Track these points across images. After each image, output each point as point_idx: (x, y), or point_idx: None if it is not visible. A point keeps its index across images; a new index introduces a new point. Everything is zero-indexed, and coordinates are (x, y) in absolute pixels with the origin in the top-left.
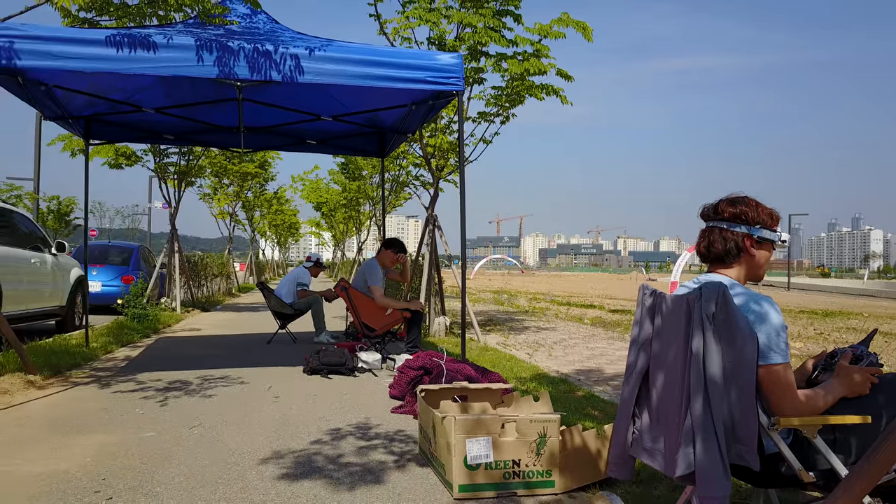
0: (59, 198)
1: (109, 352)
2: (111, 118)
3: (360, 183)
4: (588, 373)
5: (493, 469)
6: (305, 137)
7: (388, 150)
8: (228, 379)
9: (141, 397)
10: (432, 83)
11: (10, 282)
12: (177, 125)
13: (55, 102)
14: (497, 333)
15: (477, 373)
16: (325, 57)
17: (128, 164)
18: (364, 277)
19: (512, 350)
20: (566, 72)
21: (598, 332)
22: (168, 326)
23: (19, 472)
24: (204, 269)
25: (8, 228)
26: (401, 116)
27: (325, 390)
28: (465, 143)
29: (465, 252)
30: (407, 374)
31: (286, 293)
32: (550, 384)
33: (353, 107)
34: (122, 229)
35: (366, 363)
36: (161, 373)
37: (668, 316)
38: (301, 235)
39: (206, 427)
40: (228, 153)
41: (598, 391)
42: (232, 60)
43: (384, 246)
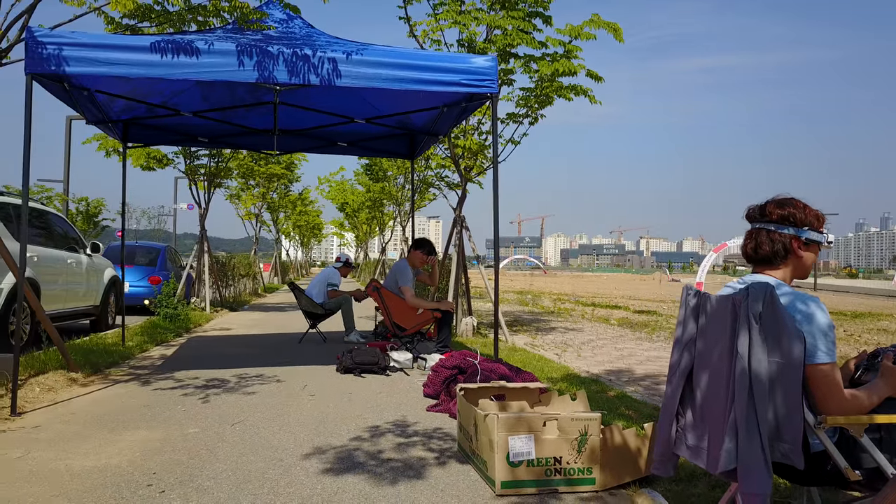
0: (87, 199)
1: (145, 350)
2: (148, 121)
3: (383, 184)
4: (618, 373)
5: (534, 466)
6: (337, 140)
7: (417, 152)
8: (264, 377)
9: (181, 394)
10: (467, 86)
11: (48, 281)
12: (212, 128)
13: (96, 106)
14: (524, 334)
15: (511, 372)
16: (361, 61)
17: (159, 166)
18: (395, 278)
19: (540, 350)
20: (596, 72)
21: (626, 332)
22: (199, 326)
23: (73, 466)
24: (232, 270)
25: (44, 229)
26: (432, 119)
27: (359, 389)
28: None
29: (498, 252)
30: (441, 373)
31: (317, 293)
32: (582, 384)
33: (385, 109)
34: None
35: (397, 362)
36: (198, 371)
37: (712, 316)
38: (324, 236)
39: (247, 424)
40: (256, 155)
41: (630, 391)
42: (271, 65)
43: (414, 247)
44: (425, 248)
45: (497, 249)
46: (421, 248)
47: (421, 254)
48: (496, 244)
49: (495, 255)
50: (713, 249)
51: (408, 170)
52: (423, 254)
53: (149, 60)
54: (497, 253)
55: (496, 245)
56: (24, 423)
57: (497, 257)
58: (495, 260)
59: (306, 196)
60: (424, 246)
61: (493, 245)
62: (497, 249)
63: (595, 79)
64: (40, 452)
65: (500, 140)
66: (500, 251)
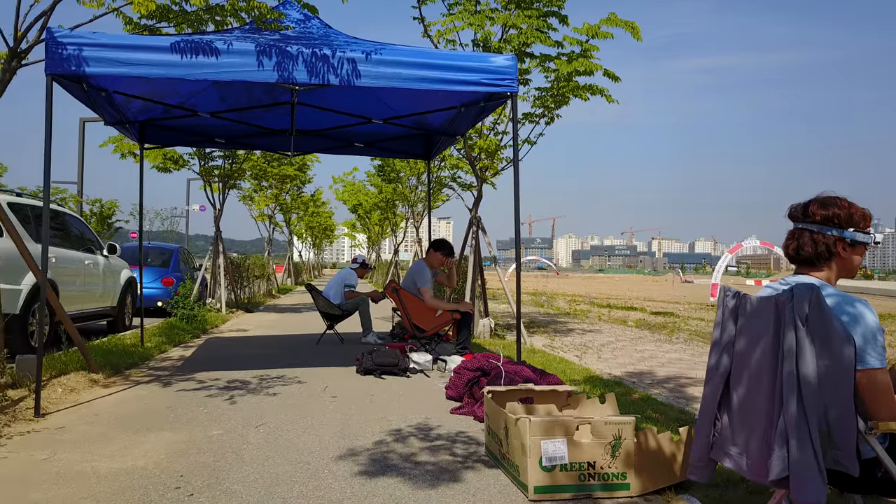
0: (101, 201)
1: (164, 351)
2: (165, 122)
3: (395, 185)
4: (640, 375)
5: (568, 470)
6: (353, 140)
7: (434, 153)
8: (285, 378)
9: (203, 396)
10: (487, 85)
11: (66, 282)
12: (229, 129)
13: (114, 108)
14: (542, 335)
15: (535, 375)
16: (380, 60)
17: (175, 167)
18: (413, 279)
19: (559, 352)
20: (613, 72)
21: (644, 334)
22: (215, 327)
23: (100, 468)
24: (247, 271)
25: (62, 231)
26: (449, 119)
27: (380, 390)
28: (509, 144)
29: (519, 253)
30: (464, 375)
31: (334, 294)
32: (605, 386)
33: (401, 110)
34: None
35: (417, 364)
36: (218, 372)
37: (752, 317)
38: (336, 237)
39: (271, 426)
40: (269, 156)
41: (654, 394)
42: (290, 65)
43: (433, 248)
44: (445, 249)
45: (518, 250)
46: (441, 249)
47: (440, 255)
48: (517, 245)
49: (517, 255)
50: (728, 250)
51: (420, 171)
52: (442, 255)
53: (168, 61)
54: (518, 254)
55: (517, 246)
56: (48, 424)
57: (518, 258)
58: (517, 261)
59: (318, 197)
60: (444, 248)
61: (515, 246)
62: (518, 250)
63: (612, 78)
64: (66, 454)
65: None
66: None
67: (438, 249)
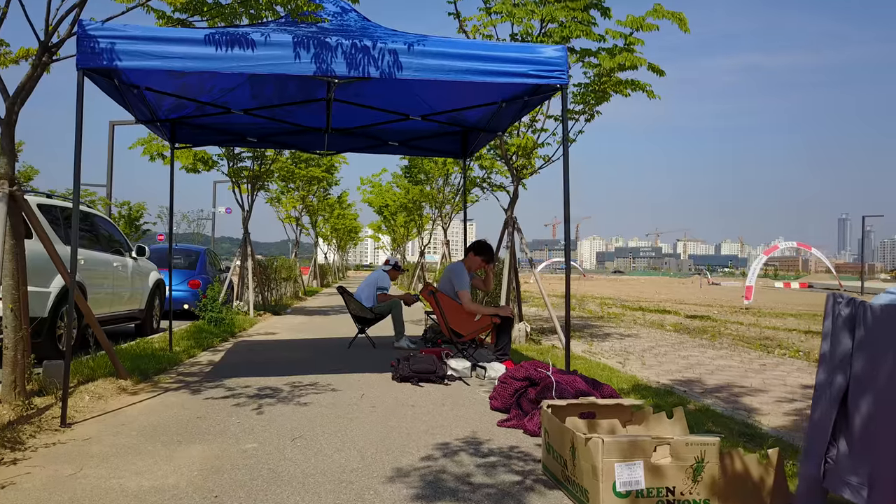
0: (129, 203)
1: (192, 356)
2: (196, 121)
3: (422, 187)
4: (689, 384)
5: (645, 497)
6: (388, 139)
7: (471, 151)
8: (318, 386)
9: (233, 404)
10: (536, 77)
11: (94, 285)
12: (262, 127)
13: (145, 105)
14: (579, 340)
15: (588, 385)
16: (423, 52)
17: (205, 168)
18: (450, 281)
19: (600, 358)
20: (657, 66)
21: (685, 339)
22: (244, 330)
23: (129, 486)
24: (274, 273)
25: (91, 232)
26: (489, 115)
27: (420, 400)
28: (546, 143)
29: (569, 254)
30: (510, 385)
31: (366, 297)
32: (655, 396)
33: (439, 106)
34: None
35: (455, 371)
36: (249, 379)
37: (876, 329)
38: (361, 239)
39: (308, 439)
40: (296, 157)
41: (710, 404)
42: (329, 57)
43: (473, 251)
44: (486, 255)
45: (568, 251)
46: (482, 254)
47: (480, 260)
48: (567, 245)
49: (566, 256)
50: (763, 252)
51: (449, 171)
52: (482, 261)
53: (203, 53)
54: (568, 254)
55: (567, 247)
56: (75, 434)
57: (568, 257)
58: (566, 262)
59: (345, 199)
60: (485, 253)
61: (564, 246)
62: (568, 251)
63: (657, 72)
64: (93, 469)
65: (553, 138)
66: (535, 255)
67: (479, 254)
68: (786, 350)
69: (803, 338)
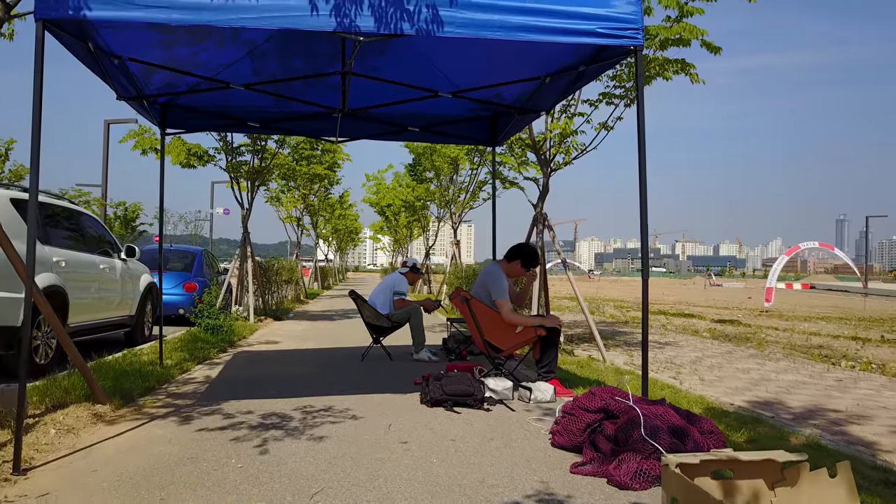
0: (125, 203)
1: (186, 371)
2: (190, 102)
3: (427, 185)
4: (770, 406)
5: None
6: (408, 124)
7: (501, 138)
8: (334, 411)
9: (232, 439)
10: (605, 36)
11: (78, 289)
12: (265, 110)
13: (129, 80)
14: (614, 350)
15: (681, 418)
16: (469, 4)
17: (200, 163)
18: (486, 287)
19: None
20: (712, 43)
21: (729, 347)
22: (243, 338)
23: None
24: (275, 276)
25: (76, 232)
26: (529, 92)
27: (461, 432)
28: (581, 130)
29: (647, 254)
30: (581, 417)
31: (381, 303)
32: (741, 423)
33: (465, 82)
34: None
35: (494, 392)
36: (250, 402)
37: None
38: (361, 240)
39: (331, 496)
40: (297, 154)
41: (811, 435)
42: (353, 10)
43: (518, 258)
44: (532, 262)
45: (645, 251)
46: (523, 258)
47: (518, 265)
48: (644, 245)
49: (643, 257)
50: (785, 252)
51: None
52: (521, 266)
53: (195, 2)
54: (645, 254)
55: (644, 247)
56: (29, 487)
57: (645, 258)
58: (643, 263)
59: (346, 199)
60: (532, 260)
61: (641, 247)
62: (645, 251)
63: (711, 50)
64: None
65: (589, 125)
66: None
67: (519, 257)
68: (853, 362)
69: (857, 346)
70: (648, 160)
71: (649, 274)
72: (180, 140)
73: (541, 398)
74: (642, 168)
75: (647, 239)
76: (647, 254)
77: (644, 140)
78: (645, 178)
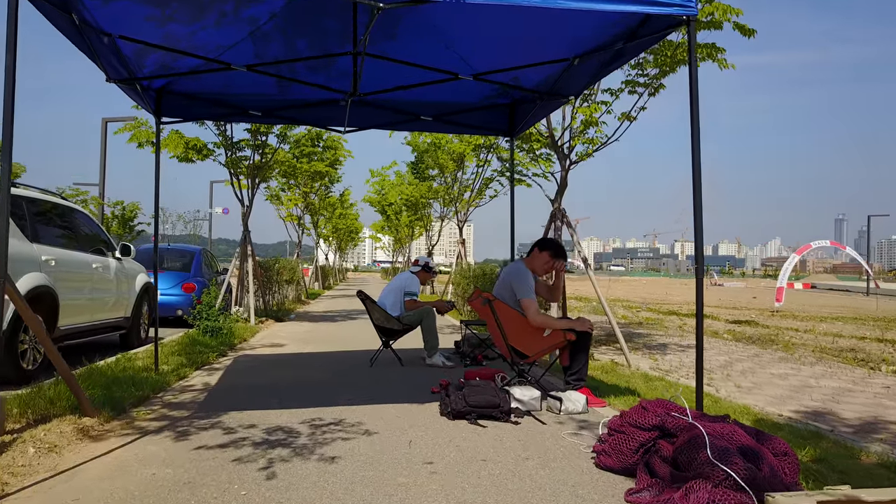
0: (123, 203)
1: (183, 377)
2: (187, 88)
3: (430, 183)
4: (822, 417)
5: None
6: (420, 113)
7: (520, 128)
8: (345, 425)
9: (234, 459)
10: (653, 4)
11: (69, 290)
12: (267, 96)
13: (120, 60)
14: (636, 353)
15: (751, 438)
16: None
17: (198, 157)
18: (510, 287)
19: (677, 377)
20: (746, 25)
21: (756, 350)
22: (244, 341)
23: None
24: (276, 275)
25: (68, 230)
26: (556, 75)
27: (492, 451)
28: (603, 122)
29: (702, 251)
30: (632, 435)
31: (392, 304)
32: (800, 438)
33: (482, 65)
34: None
35: (521, 402)
36: (253, 413)
37: None
38: (361, 240)
39: None
40: (298, 152)
41: (885, 452)
42: None
43: (544, 247)
44: (560, 251)
45: (700, 249)
46: (548, 249)
47: (548, 256)
48: (698, 243)
49: (697, 255)
50: (796, 251)
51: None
52: (549, 256)
53: None
54: (701, 253)
55: (698, 245)
56: None
57: (700, 255)
58: (698, 262)
59: (346, 198)
60: (559, 250)
61: (695, 246)
62: (700, 249)
63: (745, 32)
64: None
65: (610, 116)
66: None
67: (545, 249)
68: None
69: (888, 348)
70: (654, 158)
71: (653, 274)
72: (178, 133)
73: (572, 409)
74: (696, 161)
75: (702, 239)
76: (702, 255)
77: (698, 130)
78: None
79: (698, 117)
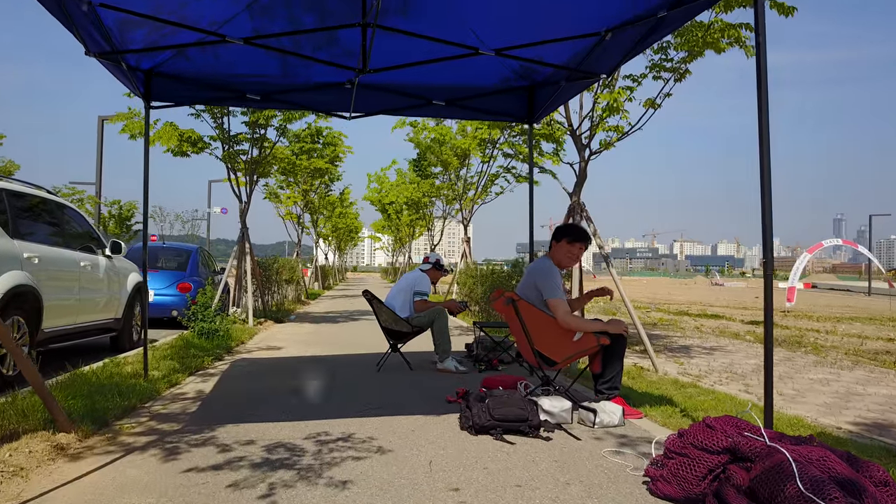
0: (119, 202)
1: (175, 384)
2: (179, 68)
3: (432, 181)
4: (886, 430)
5: None
6: (432, 97)
7: (539, 113)
8: (355, 441)
9: (229, 484)
10: None
11: (55, 289)
12: (267, 78)
13: (101, 31)
14: (659, 356)
15: (845, 465)
16: None
17: (194, 150)
18: (534, 285)
19: (712, 383)
20: (784, 3)
21: (786, 354)
22: (242, 343)
23: None
24: (275, 275)
25: (54, 226)
26: (582, 52)
27: (526, 474)
28: (626, 111)
29: (771, 247)
30: (697, 459)
31: (400, 305)
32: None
33: (501, 41)
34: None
35: (550, 415)
36: (251, 427)
37: None
38: (360, 239)
39: None
40: (298, 148)
41: None
42: None
43: (556, 238)
44: (575, 236)
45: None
46: (569, 235)
47: (567, 244)
48: (767, 239)
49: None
50: (807, 250)
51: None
52: (568, 243)
53: None
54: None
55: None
56: None
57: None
58: (766, 260)
59: (346, 197)
60: (583, 237)
61: (763, 248)
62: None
63: (784, 12)
64: None
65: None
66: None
67: (563, 236)
68: None
69: None
70: (655, 158)
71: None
72: (172, 125)
73: (608, 421)
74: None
75: (771, 238)
76: (772, 256)
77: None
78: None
79: (767, 104)
